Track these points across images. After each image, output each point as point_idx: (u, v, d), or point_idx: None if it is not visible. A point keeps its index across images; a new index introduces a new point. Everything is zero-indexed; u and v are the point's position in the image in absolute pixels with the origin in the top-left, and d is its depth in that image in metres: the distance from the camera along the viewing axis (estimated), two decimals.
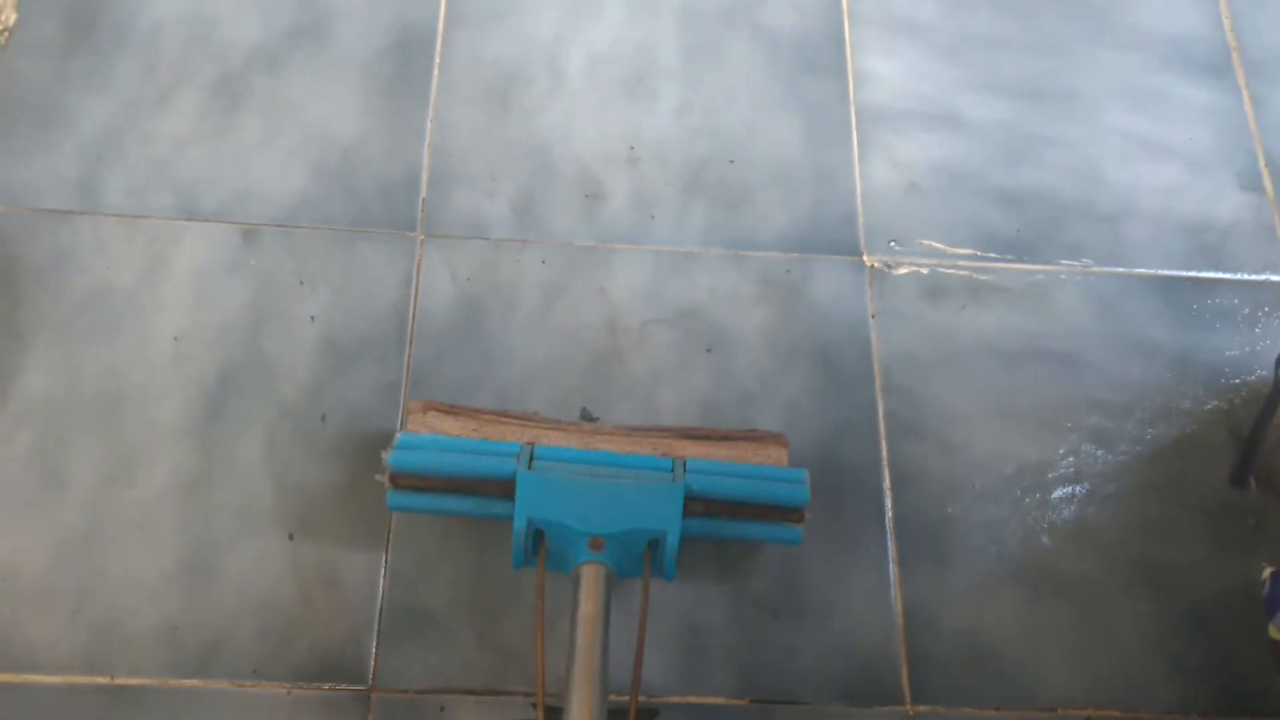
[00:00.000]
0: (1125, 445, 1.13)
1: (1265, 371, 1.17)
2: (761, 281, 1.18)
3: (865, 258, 1.20)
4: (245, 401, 1.09)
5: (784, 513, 1.01)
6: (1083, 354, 1.17)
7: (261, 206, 1.17)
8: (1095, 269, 1.22)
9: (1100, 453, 1.12)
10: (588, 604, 0.92)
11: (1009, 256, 1.22)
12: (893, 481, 1.10)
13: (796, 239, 1.21)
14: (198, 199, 1.17)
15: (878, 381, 1.14)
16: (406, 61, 1.26)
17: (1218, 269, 1.23)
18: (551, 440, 1.03)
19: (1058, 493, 1.10)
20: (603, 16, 1.31)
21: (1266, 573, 0.99)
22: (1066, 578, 1.07)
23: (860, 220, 1.22)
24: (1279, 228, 1.25)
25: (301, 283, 1.14)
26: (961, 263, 1.21)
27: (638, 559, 0.97)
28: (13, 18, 1.24)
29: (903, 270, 1.20)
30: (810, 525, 1.04)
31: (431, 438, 1.02)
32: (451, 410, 1.05)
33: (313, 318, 1.13)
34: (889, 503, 1.09)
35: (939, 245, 1.22)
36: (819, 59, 1.30)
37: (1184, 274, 1.22)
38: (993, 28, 1.34)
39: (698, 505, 1.00)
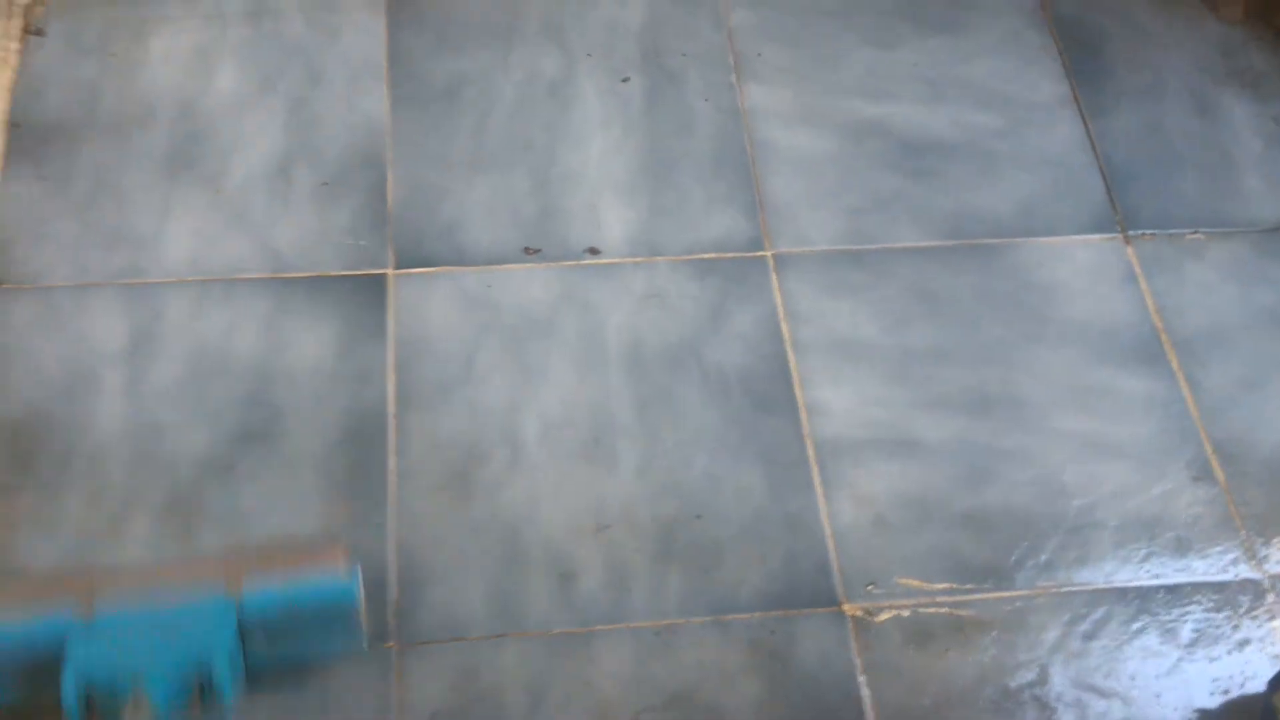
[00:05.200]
0: None
1: (1255, 683, 1.18)
2: (748, 648, 1.17)
3: (845, 607, 1.20)
4: None
5: (340, 618, 1.05)
6: (1069, 683, 1.17)
7: None
8: (1068, 588, 1.22)
9: None
10: None
11: (986, 585, 1.22)
12: None
13: (775, 595, 1.20)
14: None
15: None
16: (362, 452, 1.25)
17: (1185, 573, 1.24)
18: (110, 591, 1.04)
19: None
20: (553, 379, 1.31)
21: None
22: None
23: (835, 565, 1.22)
24: (1236, 518, 1.28)
25: (276, 716, 1.10)
26: (940, 598, 1.21)
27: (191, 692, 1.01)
28: None
29: (884, 616, 1.20)
30: None
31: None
32: (10, 582, 1.08)
33: None
34: None
35: (916, 583, 1.22)
36: (769, 395, 1.32)
37: (1154, 583, 1.23)
38: (934, 340, 1.37)
39: (256, 630, 1.03)
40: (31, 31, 1.50)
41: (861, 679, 1.16)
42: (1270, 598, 1.23)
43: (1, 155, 1.40)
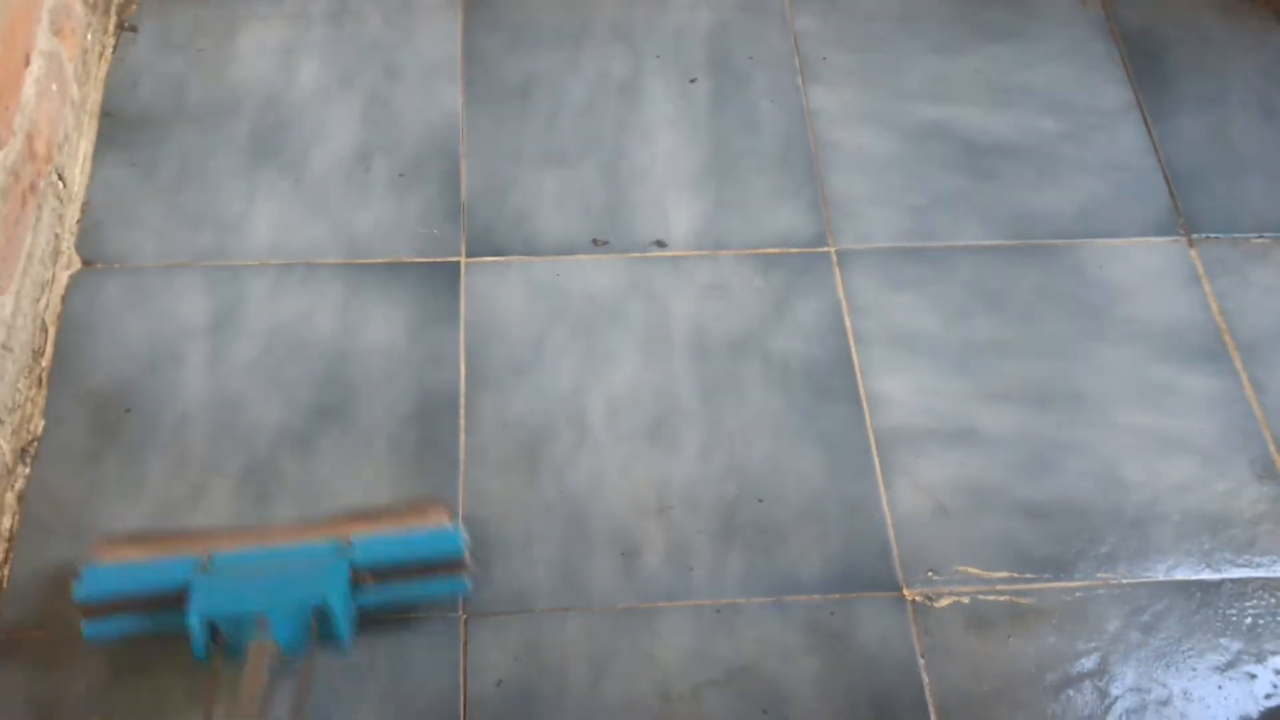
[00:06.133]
0: None
1: None
2: (807, 628, 1.18)
3: (905, 592, 1.21)
4: None
5: (445, 568, 1.13)
6: (1130, 673, 1.17)
7: None
8: (1128, 580, 1.23)
9: None
10: (249, 676, 1.03)
11: (1045, 575, 1.23)
12: None
13: (835, 578, 1.22)
14: None
15: None
16: (432, 429, 1.28)
17: (1248, 567, 1.24)
18: (228, 546, 1.12)
19: None
20: (619, 364, 1.34)
21: None
22: None
23: (895, 551, 1.23)
24: None
25: (350, 681, 1.13)
26: (1000, 586, 1.22)
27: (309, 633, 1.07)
28: (40, 425, 1.25)
29: (944, 602, 1.21)
30: None
31: (116, 566, 1.11)
32: (134, 538, 1.14)
33: None
34: None
35: (975, 571, 1.23)
36: (831, 384, 1.34)
37: (1215, 576, 1.23)
38: (995, 334, 1.38)
39: (367, 576, 1.10)
40: (125, 27, 1.57)
41: (921, 662, 1.17)
42: None
43: (94, 143, 1.46)
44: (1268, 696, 1.17)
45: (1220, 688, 1.17)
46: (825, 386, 1.34)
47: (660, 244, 1.43)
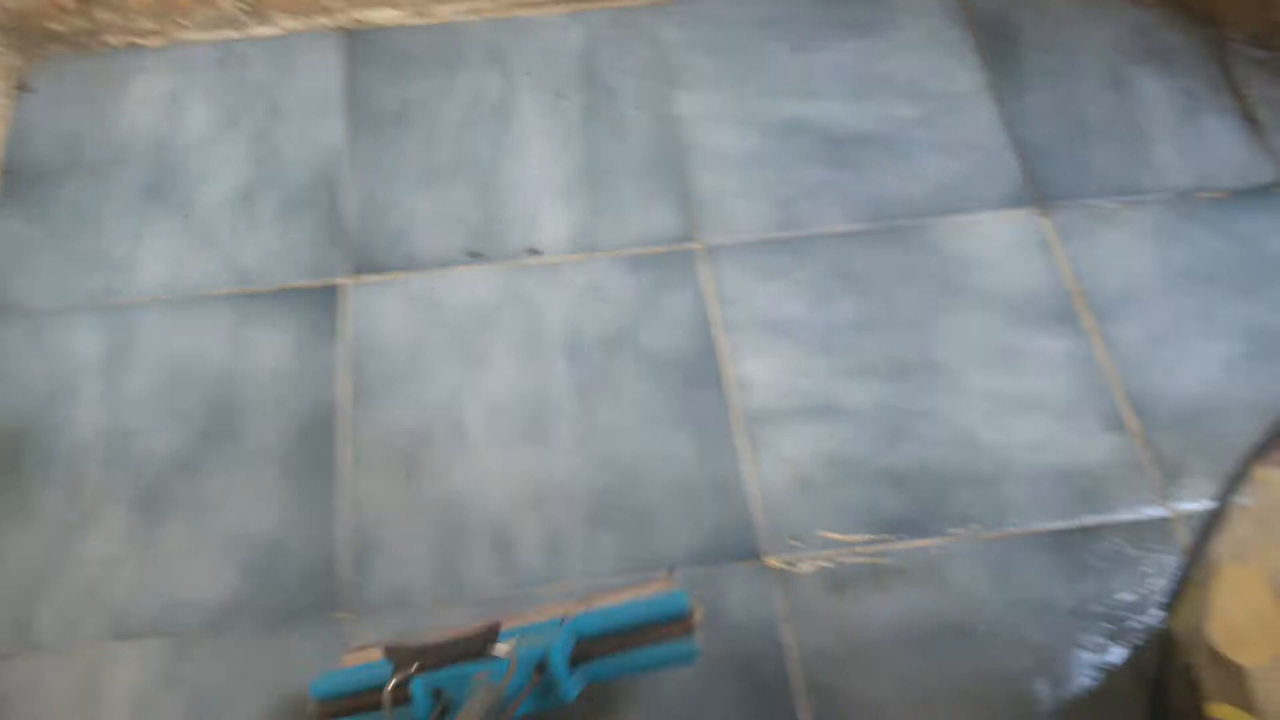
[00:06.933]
0: (1041, 711, 1.18)
1: (1162, 612, 1.23)
2: None
3: (769, 560, 1.27)
4: None
5: (672, 629, 1.09)
6: (985, 623, 1.23)
7: (190, 615, 1.23)
8: (983, 534, 1.29)
9: None
10: (469, 708, 1.01)
11: (903, 535, 1.29)
12: None
13: (703, 552, 1.28)
14: (128, 617, 1.23)
15: (799, 687, 1.19)
16: (317, 443, 1.35)
17: (1097, 513, 1.30)
18: None
19: None
20: (496, 369, 1.40)
21: None
22: None
23: (759, 523, 1.29)
24: (1147, 462, 1.34)
25: (232, 680, 1.19)
26: (859, 549, 1.28)
27: (544, 691, 1.06)
28: None
29: (806, 567, 1.27)
30: None
31: (351, 667, 1.12)
32: (378, 645, 1.14)
33: None
34: None
35: (836, 536, 1.29)
36: (700, 372, 1.40)
37: (1066, 525, 1.29)
38: (857, 313, 1.45)
39: (592, 646, 1.08)
40: (22, 88, 1.65)
41: (784, 626, 1.23)
42: (1178, 533, 1.28)
43: None
44: (1113, 636, 1.22)
45: (1071, 627, 1.22)
46: (694, 375, 1.40)
47: (534, 251, 1.50)
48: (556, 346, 1.42)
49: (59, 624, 1.23)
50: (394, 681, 1.05)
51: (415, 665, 1.06)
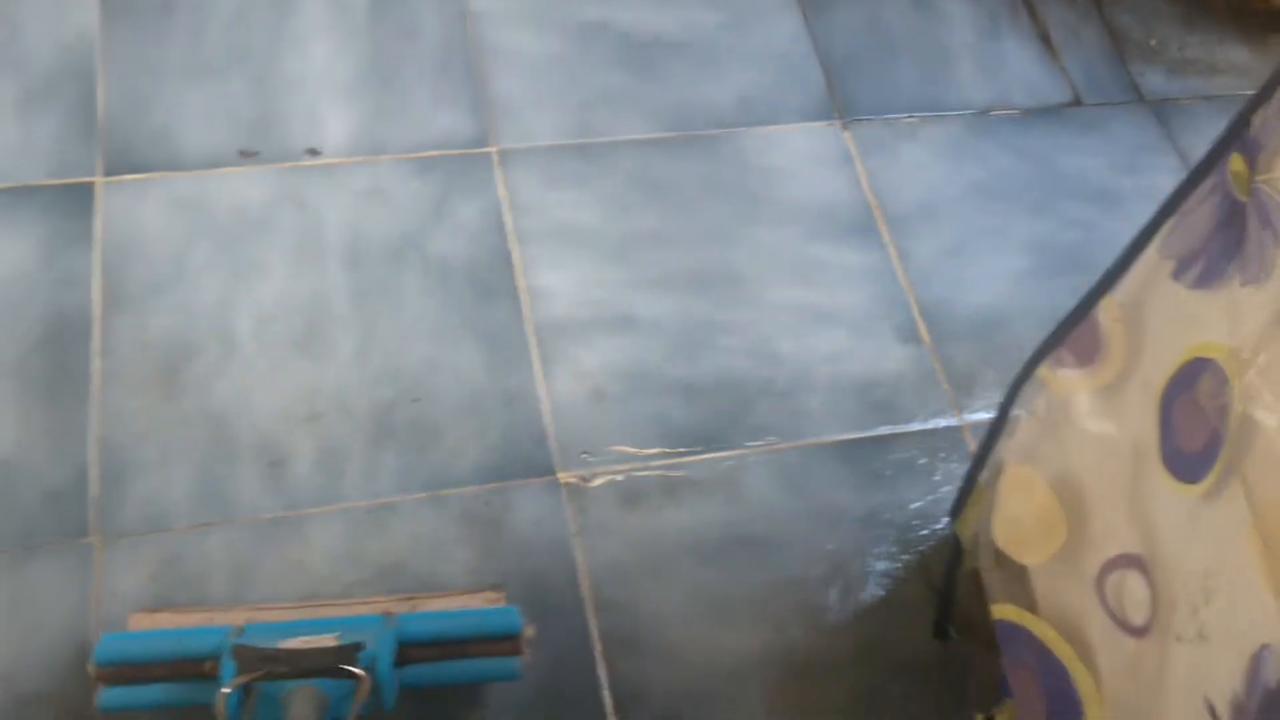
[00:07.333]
0: (831, 618, 1.17)
1: (949, 518, 1.23)
2: (462, 520, 1.18)
3: (560, 475, 1.22)
4: None
5: (500, 645, 1.04)
6: (778, 533, 1.21)
7: None
8: (779, 445, 1.27)
9: (809, 631, 1.16)
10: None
11: (697, 448, 1.25)
12: (615, 704, 1.10)
13: (492, 468, 1.21)
14: None
15: (589, 602, 1.15)
16: (64, 354, 1.22)
17: (890, 423, 1.30)
18: (266, 618, 1.05)
19: (775, 680, 1.13)
20: (268, 275, 1.30)
21: None
22: None
23: (551, 438, 1.24)
24: (939, 373, 1.34)
25: None
26: (653, 463, 1.24)
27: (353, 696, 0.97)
28: None
29: (598, 482, 1.22)
30: None
31: (139, 632, 1.03)
32: (172, 610, 1.07)
33: None
34: None
35: (629, 449, 1.25)
36: (491, 282, 1.33)
37: (860, 435, 1.29)
38: (657, 224, 1.40)
39: (415, 652, 1.02)
40: None
41: (575, 541, 1.18)
42: (968, 442, 1.29)
43: None
44: (903, 544, 1.22)
45: (863, 531, 1.22)
46: (485, 285, 1.33)
47: (313, 152, 1.39)
48: (335, 253, 1.33)
49: None
50: (236, 683, 0.94)
51: (263, 671, 0.95)
